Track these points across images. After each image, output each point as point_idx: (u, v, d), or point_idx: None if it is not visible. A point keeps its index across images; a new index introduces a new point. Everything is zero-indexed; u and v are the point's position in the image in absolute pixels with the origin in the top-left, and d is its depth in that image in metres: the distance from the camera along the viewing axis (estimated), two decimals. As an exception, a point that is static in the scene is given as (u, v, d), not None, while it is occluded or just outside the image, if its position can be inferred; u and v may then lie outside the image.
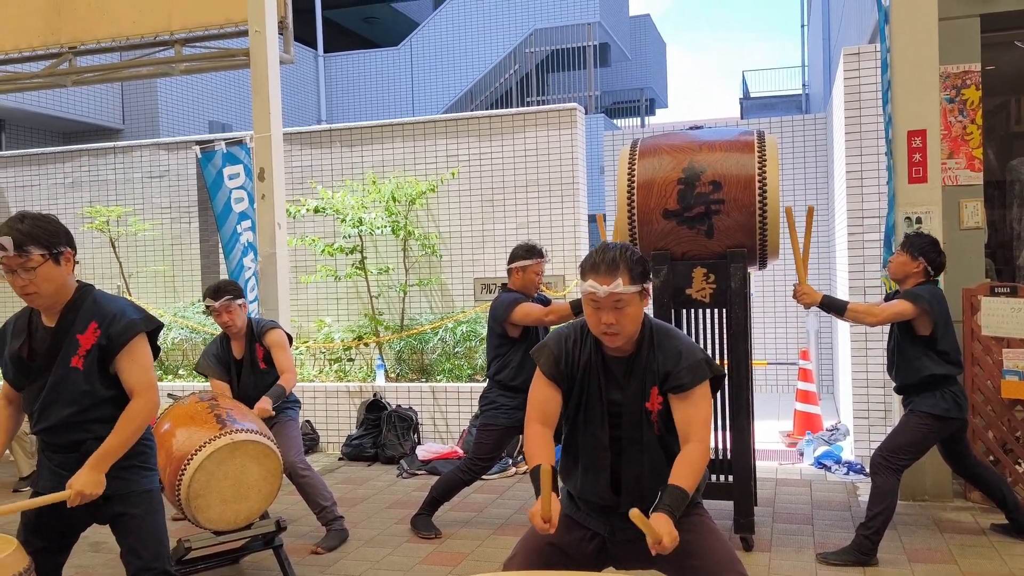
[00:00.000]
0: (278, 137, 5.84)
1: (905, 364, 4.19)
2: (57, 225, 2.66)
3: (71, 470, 2.66)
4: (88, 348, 2.65)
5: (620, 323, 2.38)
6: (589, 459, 2.51)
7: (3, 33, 6.89)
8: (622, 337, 2.41)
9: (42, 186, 9.02)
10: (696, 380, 2.40)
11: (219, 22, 6.38)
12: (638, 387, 2.45)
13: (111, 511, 2.73)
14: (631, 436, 2.47)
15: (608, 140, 9.82)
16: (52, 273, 2.60)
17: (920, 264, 4.19)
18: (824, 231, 8.70)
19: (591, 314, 2.42)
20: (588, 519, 2.54)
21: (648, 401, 2.45)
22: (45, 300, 2.64)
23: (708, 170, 4.23)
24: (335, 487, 5.72)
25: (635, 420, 2.46)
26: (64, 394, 2.65)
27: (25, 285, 2.58)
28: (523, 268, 4.66)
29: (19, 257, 2.55)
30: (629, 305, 2.37)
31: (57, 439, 2.70)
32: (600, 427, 2.48)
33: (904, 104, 5.00)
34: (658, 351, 2.45)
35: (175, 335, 7.92)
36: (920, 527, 4.58)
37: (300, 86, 16.14)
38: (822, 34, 14.18)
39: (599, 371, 2.49)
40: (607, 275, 2.36)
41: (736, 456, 4.32)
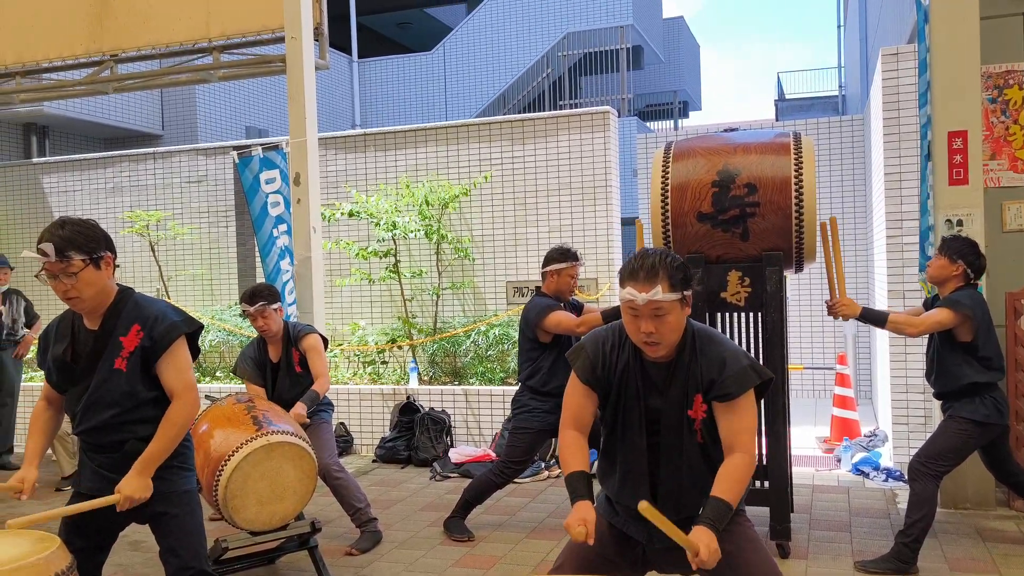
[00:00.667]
0: (313, 142, 5.90)
1: (945, 371, 4.10)
2: (97, 230, 2.70)
3: (113, 470, 2.71)
4: (131, 350, 2.69)
5: (660, 332, 2.31)
6: (627, 465, 2.47)
7: (48, 42, 7.05)
8: (663, 347, 2.35)
9: (84, 191, 9.21)
10: (742, 388, 2.34)
11: (256, 29, 6.47)
12: (679, 394, 2.39)
13: (151, 511, 2.77)
14: (670, 443, 2.41)
15: (641, 143, 9.78)
16: (93, 278, 2.65)
17: (959, 267, 4.10)
18: (862, 234, 8.58)
19: (630, 322, 2.35)
20: (627, 525, 2.51)
21: (691, 409, 2.38)
22: (87, 304, 2.68)
23: (743, 172, 4.19)
24: (369, 489, 5.76)
25: (675, 427, 2.40)
26: (107, 396, 2.70)
27: (67, 290, 2.62)
28: (558, 272, 4.65)
29: (60, 263, 2.59)
30: (669, 313, 2.30)
31: (99, 440, 2.75)
32: (638, 434, 2.43)
33: (944, 105, 4.91)
34: (701, 357, 2.38)
35: (212, 338, 8.03)
36: (962, 536, 4.49)
37: (335, 91, 16.29)
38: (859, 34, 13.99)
39: (637, 376, 2.43)
40: (646, 282, 2.29)
41: (772, 462, 4.27)
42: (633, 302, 2.30)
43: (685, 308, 2.36)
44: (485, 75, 16.99)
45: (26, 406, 7.56)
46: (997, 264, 5.07)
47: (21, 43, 7.13)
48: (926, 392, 5.58)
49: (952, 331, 4.04)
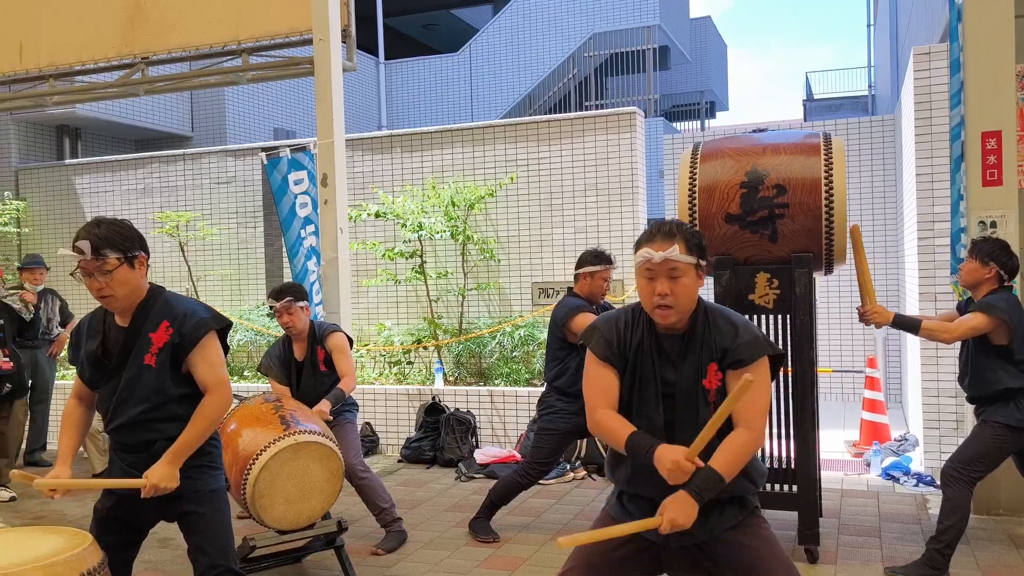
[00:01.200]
0: (341, 143, 5.94)
1: (979, 375, 4.03)
2: (131, 230, 2.75)
3: (141, 469, 2.73)
4: (160, 346, 2.73)
5: (674, 294, 2.30)
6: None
7: (81, 45, 7.16)
8: (676, 312, 2.32)
9: (115, 192, 9.34)
10: (755, 355, 2.32)
11: (284, 31, 6.52)
12: (693, 364, 2.36)
13: (179, 509, 2.80)
14: (686, 417, 2.36)
15: (668, 144, 9.73)
16: (127, 276, 2.69)
17: (992, 269, 4.02)
18: (892, 236, 8.47)
19: (644, 285, 2.35)
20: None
21: (705, 378, 2.35)
22: (120, 302, 2.72)
23: (772, 173, 4.16)
24: (394, 489, 5.78)
25: (691, 400, 2.36)
26: (136, 392, 2.73)
27: (101, 288, 2.67)
28: (591, 274, 4.63)
29: (96, 261, 2.64)
30: (684, 275, 2.30)
31: (128, 438, 2.78)
32: (655, 410, 2.38)
33: (978, 105, 4.84)
34: (713, 327, 2.37)
35: (240, 337, 8.11)
36: (994, 542, 4.42)
37: (361, 92, 16.38)
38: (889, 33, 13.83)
39: (652, 351, 2.40)
40: (663, 242, 2.31)
41: (801, 465, 4.23)
42: (650, 261, 2.31)
43: (700, 277, 2.36)
44: (511, 76, 16.99)
45: (59, 404, 7.68)
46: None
47: (55, 46, 7.25)
48: (958, 396, 5.49)
49: (987, 335, 3.97)
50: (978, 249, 4.08)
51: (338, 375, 4.47)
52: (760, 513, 2.45)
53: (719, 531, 2.35)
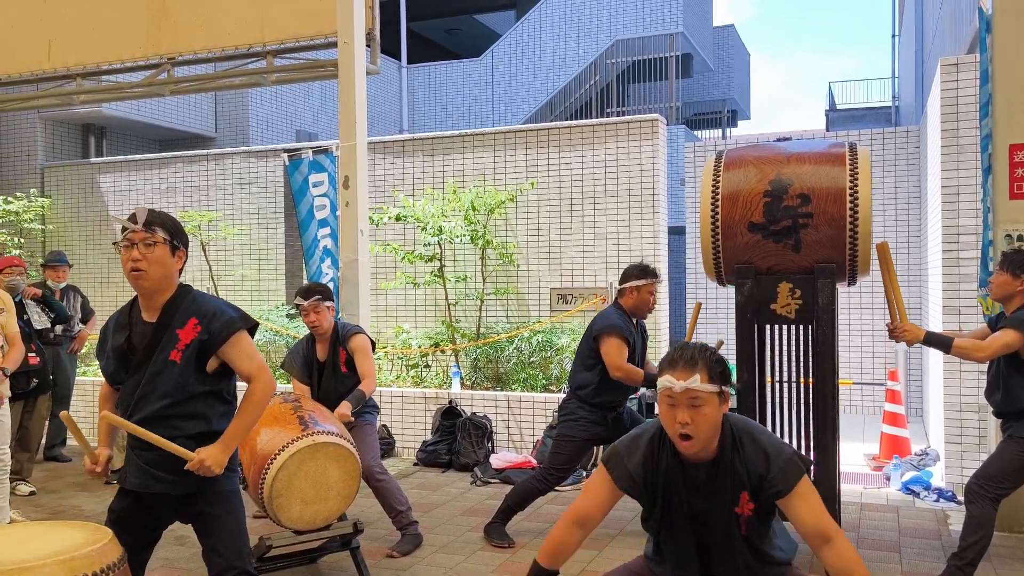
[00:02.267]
0: (363, 146, 5.96)
1: (1008, 391, 3.94)
2: (182, 227, 2.88)
3: (159, 467, 2.74)
4: (187, 343, 2.74)
5: (695, 424, 2.28)
6: (678, 561, 2.45)
7: (108, 45, 7.23)
8: (697, 443, 2.31)
9: (139, 191, 9.42)
10: (793, 481, 2.31)
11: (309, 34, 6.56)
12: (725, 492, 2.36)
13: (194, 510, 2.81)
14: (720, 540, 2.38)
15: (689, 152, 9.69)
16: (165, 258, 2.75)
17: (1023, 281, 3.97)
18: (915, 249, 8.39)
19: (666, 412, 2.33)
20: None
21: (737, 506, 2.35)
22: (148, 282, 2.75)
23: (796, 183, 4.12)
24: (409, 492, 5.77)
25: (723, 525, 2.37)
26: (159, 387, 2.74)
27: (138, 260, 2.71)
28: (637, 288, 4.62)
29: (144, 232, 2.72)
30: (706, 405, 2.28)
31: None
32: (686, 541, 2.40)
33: (1006, 117, 4.79)
34: (744, 452, 2.36)
35: (260, 337, 8.14)
36: (1017, 560, 4.35)
37: (384, 96, 16.44)
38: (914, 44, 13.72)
39: (680, 480, 2.40)
40: (684, 371, 2.30)
41: (820, 477, 4.18)
42: (671, 390, 2.30)
43: (723, 404, 2.34)
44: (533, 81, 17.00)
45: (79, 401, 7.74)
46: (1059, 281, 4.91)
47: (83, 45, 7.33)
48: (980, 411, 5.43)
49: (1018, 351, 3.91)
50: (1009, 261, 4.01)
51: (359, 377, 4.48)
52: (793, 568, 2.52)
53: None
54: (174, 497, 2.79)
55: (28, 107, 8.47)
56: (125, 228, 2.74)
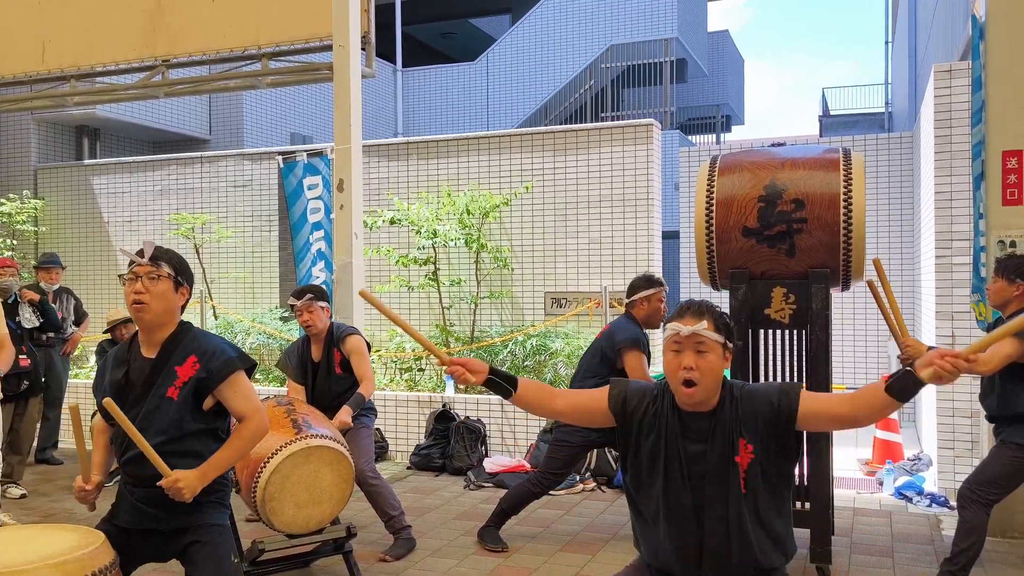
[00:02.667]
0: (358, 149, 5.96)
1: (1002, 395, 3.94)
2: (187, 265, 2.89)
3: (151, 505, 2.70)
4: (185, 380, 2.72)
5: (700, 369, 2.29)
6: (671, 526, 2.38)
7: (103, 46, 7.22)
8: (700, 391, 2.31)
9: (132, 193, 9.40)
10: (796, 397, 2.32)
11: (305, 37, 6.56)
12: (724, 440, 2.34)
13: (181, 542, 2.76)
14: (716, 495, 2.34)
15: (683, 156, 9.72)
16: (168, 294, 2.75)
17: (1019, 287, 3.96)
18: (908, 254, 8.42)
19: (671, 360, 2.34)
20: None
21: (737, 455, 2.33)
22: (149, 315, 2.73)
23: (790, 188, 4.13)
24: (403, 496, 5.77)
25: (720, 479, 2.33)
26: (155, 423, 2.70)
27: (141, 293, 2.70)
28: (647, 298, 4.65)
29: (150, 266, 2.73)
30: (711, 352, 2.31)
31: (141, 471, 2.71)
32: (682, 489, 2.36)
33: (999, 123, 4.81)
34: (741, 403, 2.36)
35: (253, 341, 8.13)
36: (1009, 565, 4.36)
37: (379, 99, 16.45)
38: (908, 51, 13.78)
39: (677, 427, 2.38)
40: (692, 318, 2.34)
41: (814, 482, 4.19)
42: (677, 334, 2.33)
43: (726, 357, 2.36)
44: (528, 86, 17.03)
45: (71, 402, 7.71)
46: (1051, 287, 4.93)
47: (78, 47, 7.32)
48: (973, 416, 5.45)
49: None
50: (1004, 267, 4.01)
51: (356, 378, 4.47)
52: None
53: None
54: (163, 533, 2.75)
55: (22, 108, 8.45)
56: (132, 261, 2.74)
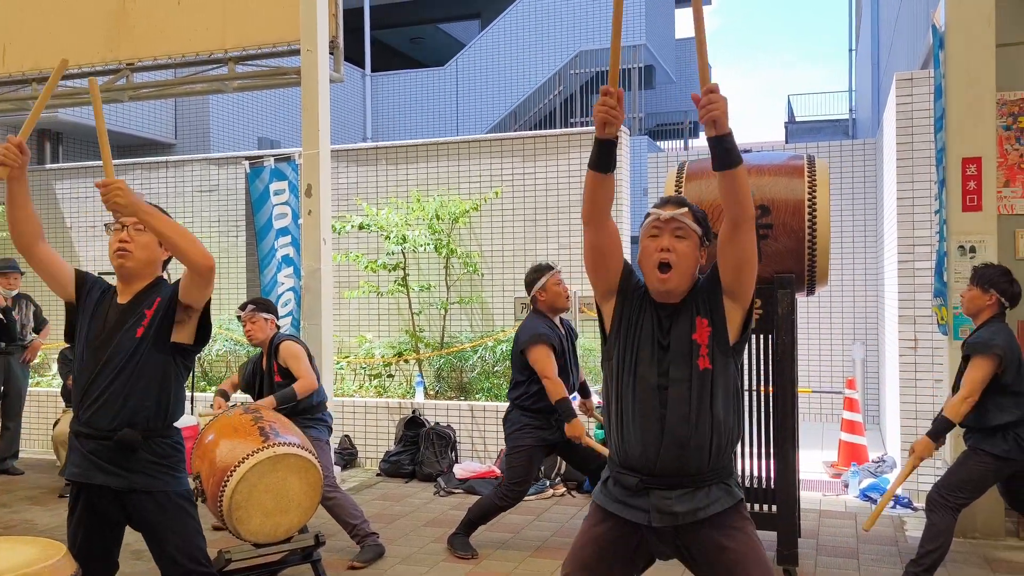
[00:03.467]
0: (326, 154, 5.92)
1: (981, 407, 3.94)
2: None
3: (101, 456, 2.71)
4: (150, 318, 2.77)
5: (676, 252, 2.35)
6: (637, 406, 2.39)
7: (65, 50, 7.09)
8: (674, 276, 2.35)
9: (96, 198, 9.23)
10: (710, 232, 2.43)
11: (272, 41, 6.50)
12: (685, 323, 2.39)
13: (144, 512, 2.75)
14: (679, 375, 2.36)
15: (652, 162, 9.78)
16: (151, 244, 2.83)
17: (992, 296, 4.02)
18: (872, 259, 8.55)
19: (648, 245, 2.39)
20: (625, 509, 2.41)
21: (695, 332, 2.37)
22: (132, 264, 2.81)
23: (756, 194, 4.18)
24: (372, 503, 5.73)
25: (683, 357, 2.37)
26: (118, 359, 2.73)
27: (126, 241, 2.79)
28: (543, 287, 4.64)
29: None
30: (688, 239, 2.37)
31: (97, 419, 2.73)
32: (649, 369, 2.39)
33: (959, 131, 4.91)
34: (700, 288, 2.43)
35: (220, 347, 8.03)
36: (971, 565, 4.44)
37: (347, 104, 16.37)
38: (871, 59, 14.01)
39: (652, 316, 2.42)
40: (673, 206, 2.40)
41: (780, 485, 4.24)
42: (657, 218, 2.40)
43: (701, 253, 2.41)
44: (497, 91, 17.05)
45: (32, 412, 7.57)
46: (1010, 291, 5.04)
47: (39, 50, 7.19)
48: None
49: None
50: (979, 276, 4.07)
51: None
52: (744, 510, 2.42)
53: (703, 514, 2.33)
54: (116, 492, 2.74)
55: (-19, 111, 8.28)
56: None
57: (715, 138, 2.23)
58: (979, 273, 4.09)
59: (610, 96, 2.25)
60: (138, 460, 2.73)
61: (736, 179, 2.25)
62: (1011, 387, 3.92)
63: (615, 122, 2.27)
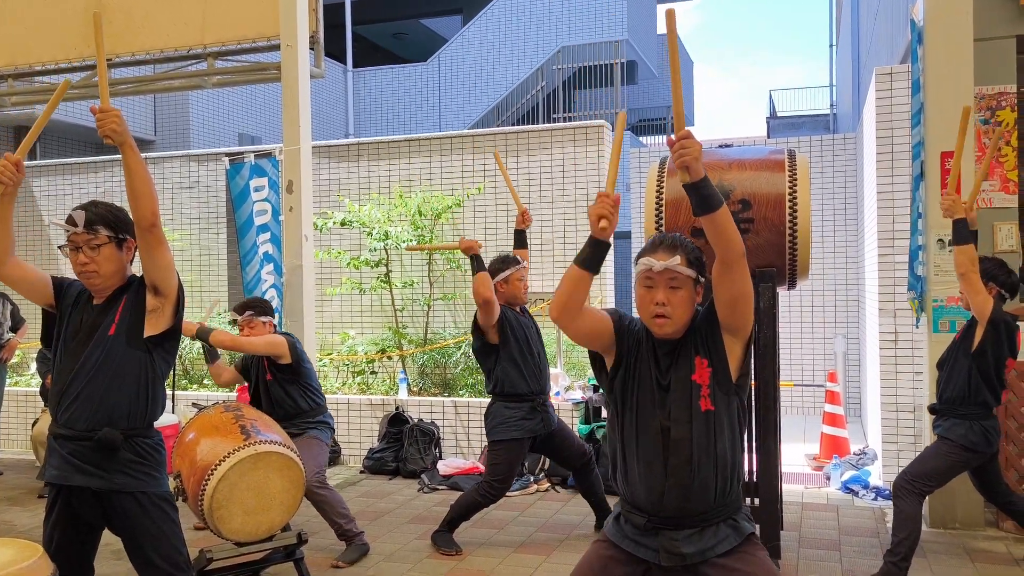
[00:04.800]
0: (307, 150, 5.88)
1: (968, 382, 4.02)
2: (126, 215, 2.79)
3: (80, 458, 2.68)
4: (121, 312, 2.73)
5: (672, 304, 2.31)
6: (643, 446, 2.38)
7: (41, 45, 7.02)
8: (672, 323, 2.33)
9: (74, 195, 9.14)
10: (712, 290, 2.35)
11: (251, 36, 6.45)
12: (685, 363, 2.36)
13: (123, 514, 2.72)
14: (680, 417, 2.35)
15: (634, 157, 9.80)
16: (113, 256, 2.74)
17: (992, 289, 4.06)
18: (853, 252, 8.61)
19: (643, 295, 2.35)
20: (636, 547, 2.41)
21: (695, 373, 2.35)
22: (101, 280, 2.73)
23: (737, 188, 4.19)
24: (356, 500, 5.71)
25: (684, 397, 2.35)
26: (94, 359, 2.69)
27: (87, 263, 2.70)
28: (505, 280, 4.65)
29: (87, 234, 2.69)
30: (683, 287, 2.32)
31: (75, 420, 2.69)
32: (651, 413, 2.37)
33: (937, 125, 4.94)
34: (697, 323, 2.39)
35: (200, 345, 7.96)
36: (951, 556, 4.48)
37: (329, 100, 16.28)
38: (851, 54, 14.10)
39: (650, 355, 2.40)
40: (665, 253, 2.33)
41: (763, 478, 4.25)
42: (650, 270, 2.33)
43: (697, 292, 2.37)
44: (479, 87, 17.01)
45: (9, 410, 7.48)
46: (988, 284, 5.08)
47: (14, 46, 7.10)
48: (916, 411, 5.59)
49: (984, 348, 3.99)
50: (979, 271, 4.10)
51: (290, 384, 4.46)
52: (756, 540, 2.43)
53: (711, 554, 2.32)
54: (96, 493, 2.70)
55: (-44, 108, 8.17)
56: (69, 232, 2.70)
57: (690, 185, 2.20)
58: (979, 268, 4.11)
59: (607, 198, 2.22)
60: (118, 460, 2.70)
61: (718, 223, 2.21)
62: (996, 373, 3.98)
63: (611, 221, 2.22)
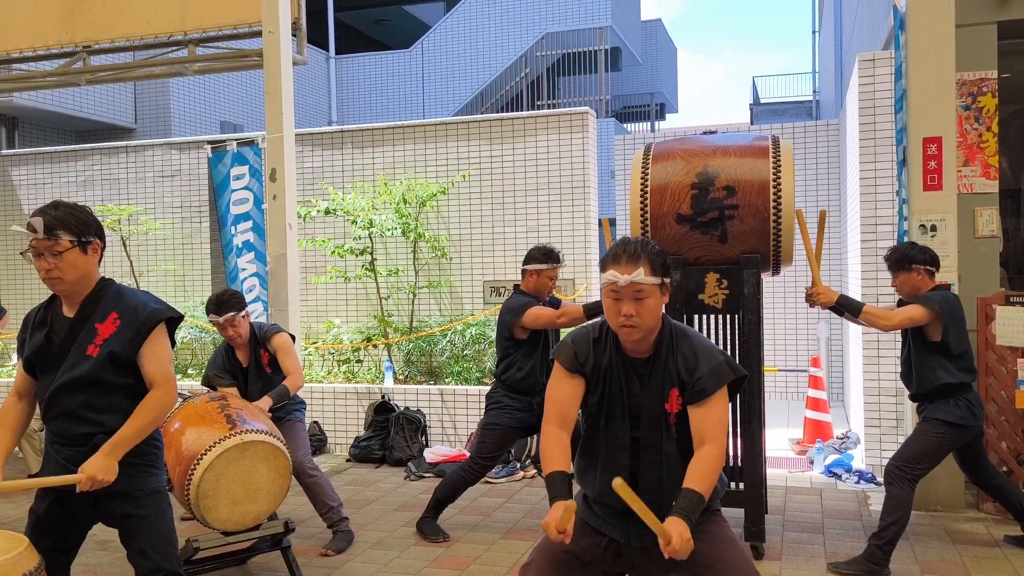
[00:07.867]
0: (290, 138, 5.84)
1: (920, 373, 4.15)
2: (89, 216, 2.71)
3: (79, 464, 2.63)
4: (106, 337, 2.65)
5: (639, 314, 2.36)
6: (608, 460, 2.48)
7: (19, 32, 6.92)
8: (640, 331, 2.38)
9: (54, 184, 9.05)
10: (718, 384, 2.38)
11: (233, 23, 6.38)
12: (657, 388, 2.43)
13: (118, 511, 2.71)
14: (650, 439, 2.44)
15: (619, 144, 9.80)
16: (78, 260, 2.64)
17: (918, 271, 4.14)
18: (836, 238, 8.66)
19: (610, 306, 2.40)
20: (604, 524, 2.50)
21: (667, 403, 2.42)
22: (67, 287, 2.66)
23: (722, 175, 4.21)
24: (342, 488, 5.71)
25: (654, 422, 2.44)
26: (76, 382, 2.64)
27: (50, 269, 2.61)
28: (538, 272, 4.63)
29: (48, 240, 2.59)
30: (649, 296, 2.36)
31: (68, 431, 2.68)
32: (621, 426, 2.45)
33: (919, 111, 4.97)
34: (677, 352, 2.44)
35: (185, 334, 7.93)
36: (933, 538, 4.54)
37: (311, 87, 16.17)
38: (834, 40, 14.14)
39: (620, 370, 2.46)
40: (628, 265, 2.36)
41: (747, 463, 4.29)
42: (615, 284, 2.36)
43: (664, 294, 2.42)
44: (463, 74, 16.94)
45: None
46: (969, 269, 5.14)
47: (-9, 32, 6.99)
48: (898, 395, 5.64)
49: (924, 331, 4.09)
50: (896, 261, 4.21)
51: (284, 375, 4.40)
52: (721, 514, 2.49)
53: None
54: (93, 495, 2.68)
55: (-68, 96, 8.05)
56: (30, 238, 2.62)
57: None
58: (894, 259, 4.23)
59: (563, 533, 2.18)
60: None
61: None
62: (954, 349, 4.05)
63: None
